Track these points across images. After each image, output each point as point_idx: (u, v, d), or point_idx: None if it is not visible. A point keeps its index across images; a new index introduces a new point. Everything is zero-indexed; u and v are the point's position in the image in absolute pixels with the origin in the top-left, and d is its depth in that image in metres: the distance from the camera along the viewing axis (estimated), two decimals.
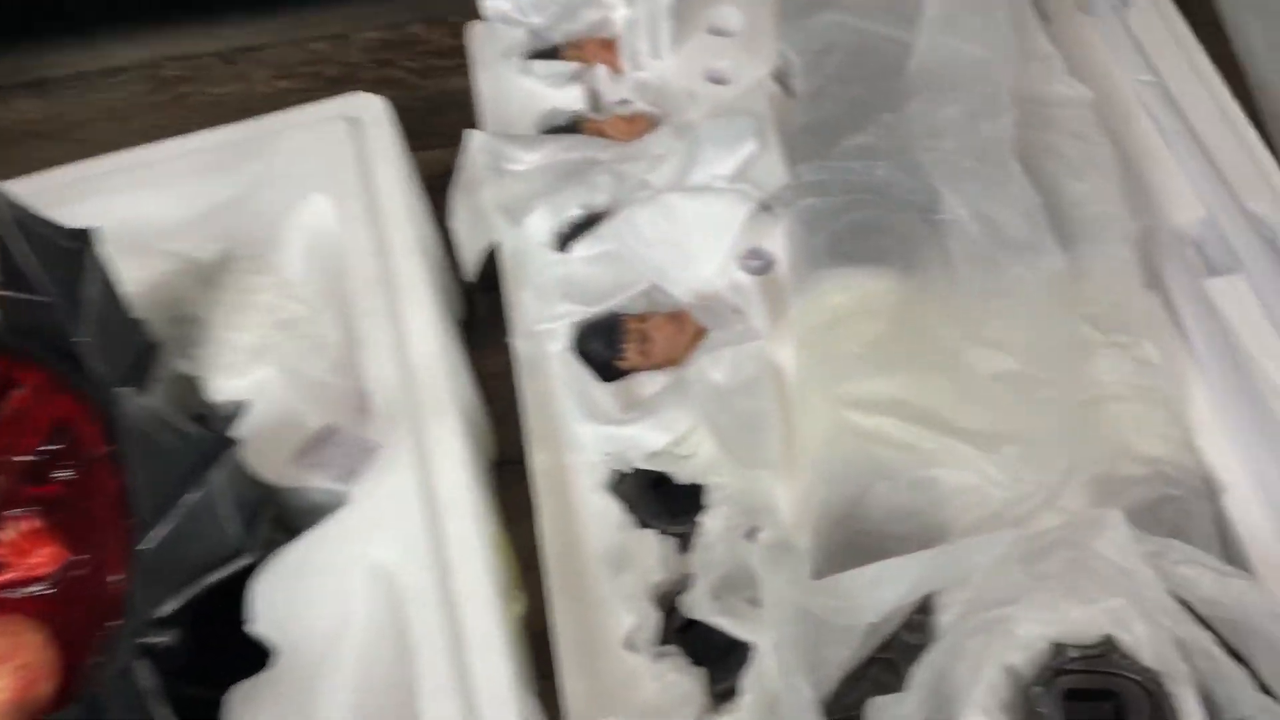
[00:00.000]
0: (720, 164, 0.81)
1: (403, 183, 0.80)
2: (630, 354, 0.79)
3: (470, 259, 0.86)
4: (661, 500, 0.73)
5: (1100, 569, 0.61)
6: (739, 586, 0.66)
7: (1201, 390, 0.72)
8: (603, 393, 0.75)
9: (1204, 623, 0.60)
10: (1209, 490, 0.68)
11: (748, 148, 0.81)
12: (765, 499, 0.69)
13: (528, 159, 0.86)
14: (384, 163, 0.80)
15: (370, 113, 0.83)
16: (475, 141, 0.86)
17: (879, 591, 0.61)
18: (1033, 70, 0.81)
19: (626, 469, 0.73)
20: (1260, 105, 1.03)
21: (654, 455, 0.72)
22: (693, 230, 0.80)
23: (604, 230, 0.81)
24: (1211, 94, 0.87)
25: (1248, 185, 0.80)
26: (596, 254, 0.81)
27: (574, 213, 0.85)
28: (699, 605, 0.63)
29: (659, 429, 0.71)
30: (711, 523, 0.67)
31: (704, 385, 0.72)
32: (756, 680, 0.60)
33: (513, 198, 0.84)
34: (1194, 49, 0.90)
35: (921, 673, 0.58)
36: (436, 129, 0.90)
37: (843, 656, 0.62)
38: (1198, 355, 0.73)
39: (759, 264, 0.83)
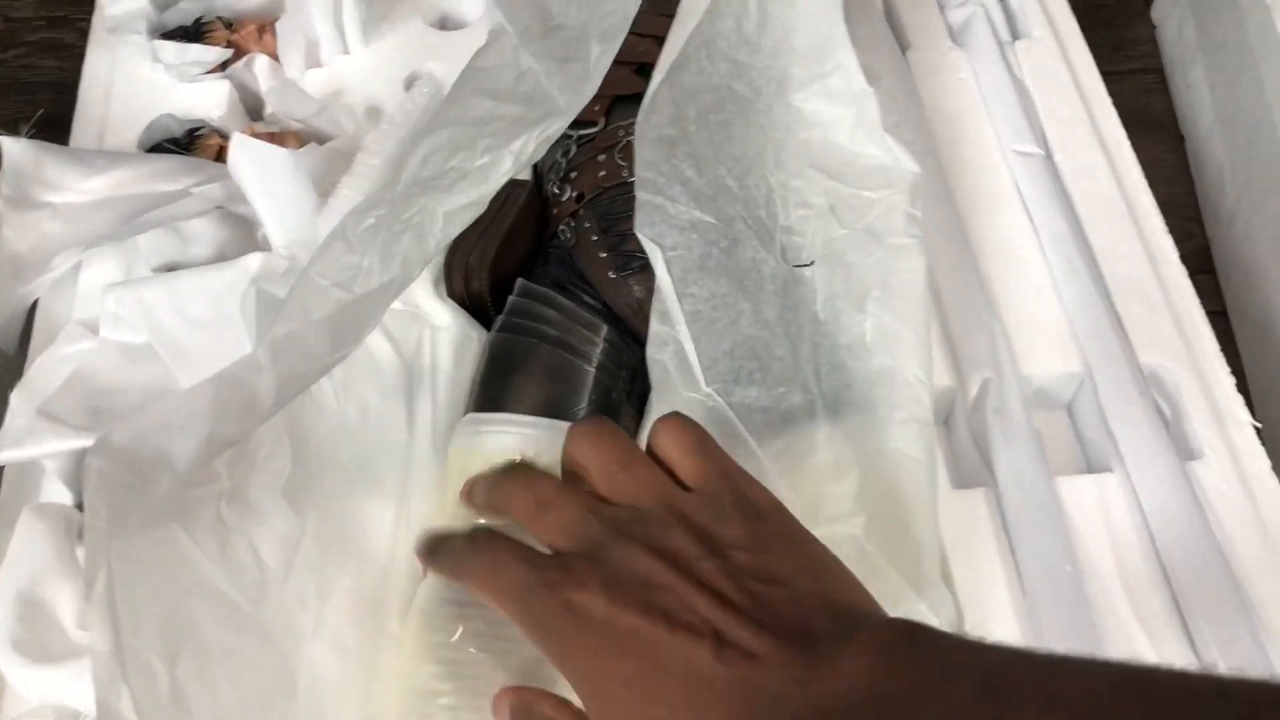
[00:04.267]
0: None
1: None
2: None
3: None
4: None
5: None
6: None
7: None
8: (70, 588, 0.46)
9: None
10: None
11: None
12: None
13: (83, 188, 0.57)
14: None
15: None
16: (9, 150, 0.57)
17: None
18: (833, 116, 0.52)
19: None
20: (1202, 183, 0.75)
21: None
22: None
23: (136, 300, 0.52)
24: (1121, 186, 0.58)
25: (1146, 333, 0.52)
26: (130, 342, 0.52)
27: (144, 273, 0.56)
28: None
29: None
30: None
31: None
32: None
33: (36, 245, 0.55)
34: (1104, 110, 0.61)
35: None
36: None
37: None
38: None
39: None
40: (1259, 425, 0.50)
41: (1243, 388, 0.52)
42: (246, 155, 0.50)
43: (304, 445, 0.47)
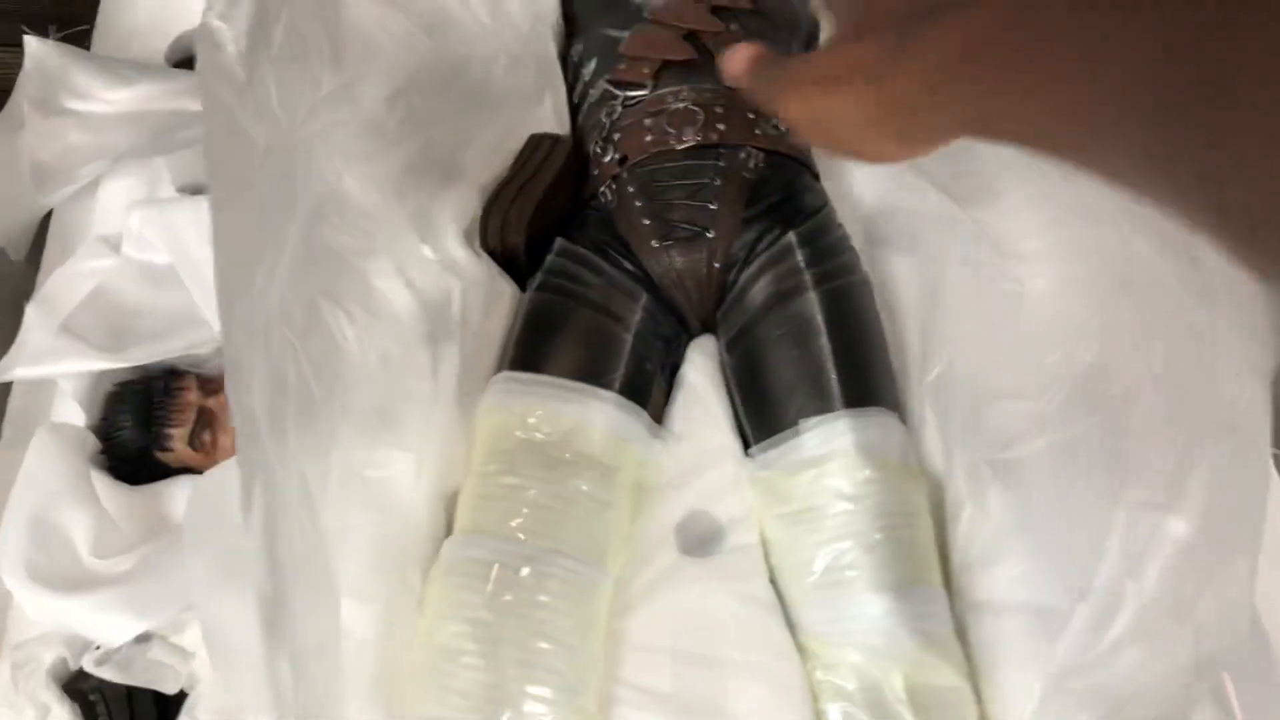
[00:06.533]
0: None
1: None
2: (177, 443, 0.49)
3: (8, 224, 0.56)
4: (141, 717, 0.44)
5: None
6: None
7: None
8: (86, 514, 0.45)
9: None
10: None
11: None
12: None
13: (108, 98, 0.55)
14: None
15: None
16: (34, 52, 0.55)
17: None
18: None
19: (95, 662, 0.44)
20: None
21: (132, 648, 0.43)
22: None
23: (163, 222, 0.50)
24: None
25: None
26: (152, 263, 0.51)
27: (168, 193, 0.55)
28: None
29: (127, 609, 0.42)
30: None
31: (212, 538, 0.43)
32: None
33: (61, 154, 0.53)
34: None
35: None
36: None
37: None
38: None
39: None
40: None
41: None
42: None
43: (327, 392, 0.46)
